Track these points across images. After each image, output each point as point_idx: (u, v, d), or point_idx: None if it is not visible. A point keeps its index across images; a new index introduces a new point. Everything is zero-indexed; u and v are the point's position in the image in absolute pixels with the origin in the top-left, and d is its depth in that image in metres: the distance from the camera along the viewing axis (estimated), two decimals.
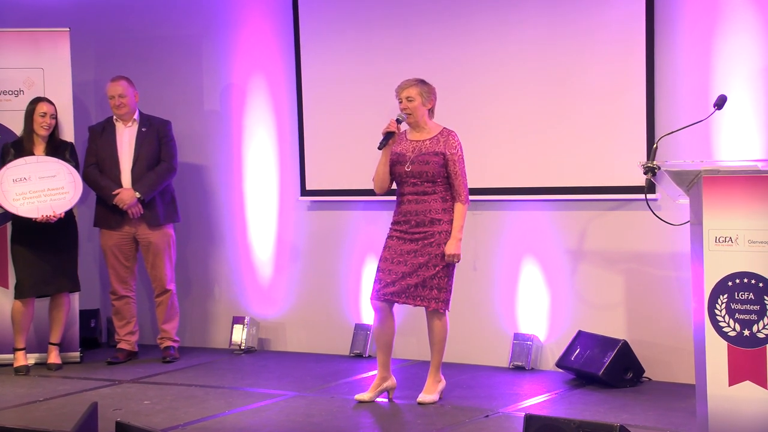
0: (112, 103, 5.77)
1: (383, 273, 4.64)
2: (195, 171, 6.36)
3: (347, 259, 5.93)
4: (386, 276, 4.62)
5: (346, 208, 5.92)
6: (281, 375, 5.41)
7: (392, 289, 4.60)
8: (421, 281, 4.58)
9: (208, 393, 5.01)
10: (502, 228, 5.48)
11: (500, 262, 5.49)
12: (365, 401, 4.67)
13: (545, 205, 5.35)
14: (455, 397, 4.76)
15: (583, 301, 5.27)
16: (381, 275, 4.64)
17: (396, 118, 4.64)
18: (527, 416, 3.60)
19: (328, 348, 5.94)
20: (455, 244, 4.58)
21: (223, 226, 6.31)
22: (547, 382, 5.07)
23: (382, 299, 4.63)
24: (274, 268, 6.17)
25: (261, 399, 4.84)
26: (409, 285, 4.59)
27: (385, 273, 4.63)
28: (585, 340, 5.09)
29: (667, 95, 4.99)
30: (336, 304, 5.95)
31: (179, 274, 6.13)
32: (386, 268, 4.64)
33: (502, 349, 5.44)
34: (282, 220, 6.14)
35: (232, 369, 5.64)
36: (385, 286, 4.61)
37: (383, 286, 4.61)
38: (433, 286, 4.58)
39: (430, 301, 4.59)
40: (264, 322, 6.17)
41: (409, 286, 4.59)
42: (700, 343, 3.78)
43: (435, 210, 4.61)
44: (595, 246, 5.25)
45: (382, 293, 4.62)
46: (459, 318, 5.37)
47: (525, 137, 5.33)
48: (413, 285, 4.59)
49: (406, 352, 5.66)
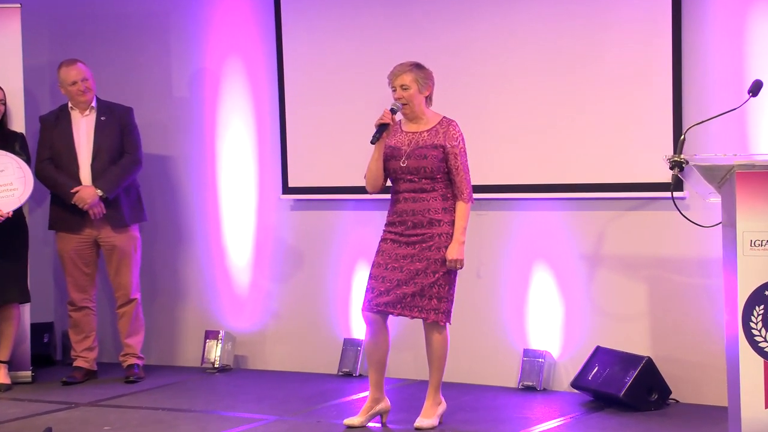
0: (75, 89, 5.76)
1: (376, 281, 4.64)
2: (161, 164, 6.35)
3: (335, 265, 5.93)
4: (379, 284, 4.63)
5: (335, 207, 5.92)
6: (260, 397, 5.41)
7: (386, 299, 4.60)
8: (419, 290, 4.59)
9: (177, 417, 5.00)
10: (510, 230, 5.48)
11: (508, 268, 5.49)
12: (355, 426, 4.67)
13: (558, 205, 5.35)
14: (457, 421, 4.76)
15: (602, 312, 5.28)
16: (373, 283, 4.65)
17: (390, 108, 4.65)
18: None
19: (314, 366, 5.94)
20: (457, 248, 4.59)
21: (194, 227, 6.30)
22: (561, 405, 5.08)
23: (375, 310, 4.64)
24: (252, 275, 6.17)
25: (238, 424, 4.84)
26: (405, 294, 4.59)
27: (378, 281, 4.64)
28: (604, 356, 5.10)
29: (695, 81, 5.00)
30: (323, 317, 5.95)
31: (144, 282, 6.12)
32: (379, 275, 4.64)
33: (510, 368, 5.45)
34: (261, 221, 6.14)
35: (205, 390, 5.64)
36: (378, 296, 4.62)
37: (376, 296, 4.62)
38: (433, 295, 4.59)
39: (428, 312, 4.60)
40: (241, 336, 6.17)
41: (405, 295, 4.60)
42: (733, 360, 3.79)
43: (434, 210, 4.62)
44: (614, 250, 5.26)
45: (375, 304, 4.63)
46: (461, 332, 5.37)
47: (535, 128, 5.34)
48: (410, 294, 4.59)
49: (401, 371, 5.66)
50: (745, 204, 3.76)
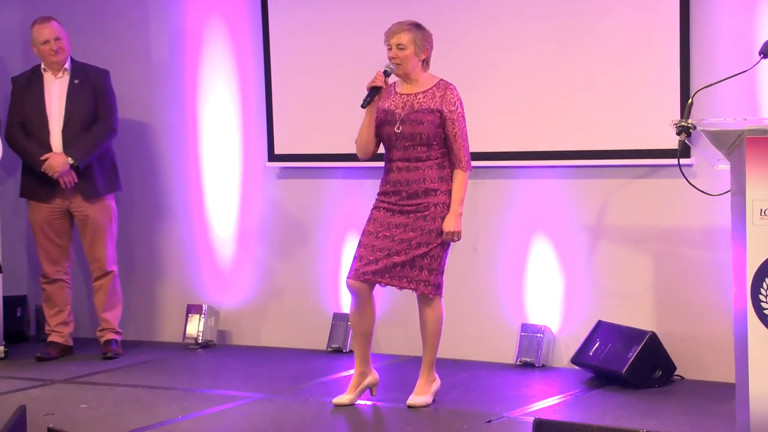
0: (47, 49, 5.72)
1: (365, 249, 4.63)
2: (139, 131, 6.31)
3: (324, 236, 5.92)
4: (368, 253, 4.61)
5: (323, 176, 5.90)
6: (245, 374, 5.42)
7: (374, 268, 4.59)
8: (410, 260, 4.58)
9: (157, 396, 5.01)
10: (508, 200, 5.48)
11: (505, 240, 5.49)
12: (345, 404, 4.69)
13: (559, 173, 5.35)
14: (452, 399, 4.78)
15: (604, 286, 5.29)
16: (362, 251, 4.63)
17: (384, 70, 4.62)
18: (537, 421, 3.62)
19: (302, 342, 5.95)
20: (455, 220, 4.58)
21: (174, 196, 6.28)
22: (561, 382, 5.10)
23: (361, 279, 4.62)
24: (236, 247, 6.16)
25: (221, 402, 4.85)
26: (394, 263, 4.58)
27: (368, 249, 4.62)
28: (605, 332, 5.12)
29: (704, 41, 4.99)
30: (311, 290, 5.95)
31: (121, 254, 6.10)
32: (369, 243, 4.63)
33: (508, 344, 5.46)
34: (246, 190, 6.12)
35: (187, 367, 5.64)
36: (366, 265, 4.60)
37: (363, 264, 4.61)
38: (423, 266, 4.59)
39: (418, 283, 4.60)
40: (224, 311, 6.17)
41: (395, 264, 4.59)
42: (741, 335, 3.80)
43: (430, 179, 4.61)
44: (617, 221, 5.26)
45: (362, 272, 4.61)
46: (457, 306, 5.38)
47: (536, 93, 5.33)
48: (399, 264, 4.58)
49: (393, 347, 5.67)
50: (756, 171, 3.75)
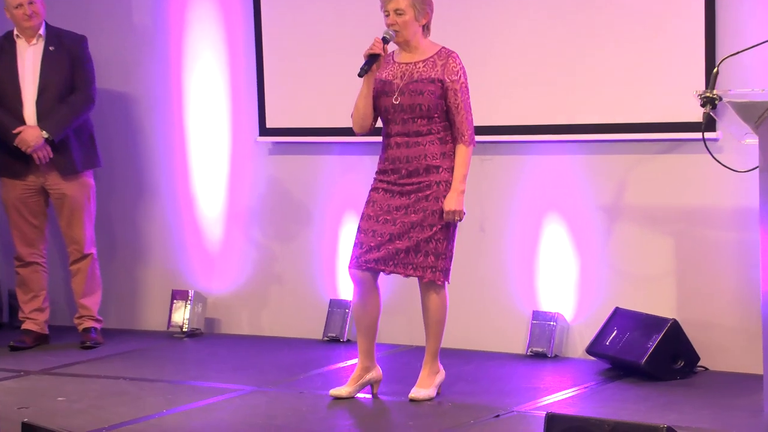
0: (20, 13, 5.73)
1: (365, 235, 4.66)
2: (120, 103, 6.33)
3: (320, 217, 5.94)
4: (369, 239, 4.64)
5: (318, 152, 5.91)
6: (235, 365, 5.44)
7: (376, 255, 4.62)
8: (414, 245, 4.61)
9: (141, 388, 5.03)
10: (518, 177, 5.49)
11: (515, 221, 5.51)
12: (343, 398, 4.71)
13: (574, 148, 5.36)
14: (457, 392, 4.81)
15: (622, 270, 5.31)
16: (363, 238, 4.66)
17: (382, 37, 4.63)
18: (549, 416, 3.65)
19: (296, 331, 5.98)
20: (456, 198, 4.60)
21: (159, 174, 6.30)
22: (575, 373, 5.12)
23: (364, 268, 4.66)
24: (225, 228, 6.18)
25: (210, 395, 4.87)
26: (398, 250, 4.61)
27: (368, 235, 4.65)
28: (623, 319, 5.14)
29: (731, 6, 4.98)
30: (306, 275, 5.98)
31: (101, 236, 6.13)
32: (369, 228, 4.66)
33: (518, 332, 5.49)
34: (235, 167, 6.13)
35: (173, 357, 5.67)
36: (368, 252, 4.63)
37: (365, 252, 4.64)
38: (429, 251, 4.61)
39: (424, 270, 4.62)
40: (213, 297, 6.19)
41: (399, 251, 4.61)
42: None
43: (431, 155, 4.62)
44: (636, 200, 5.28)
45: (364, 260, 4.64)
46: (462, 292, 5.40)
47: (548, 60, 5.33)
48: (403, 250, 4.61)
49: (394, 336, 5.70)
50: None
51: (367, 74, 4.62)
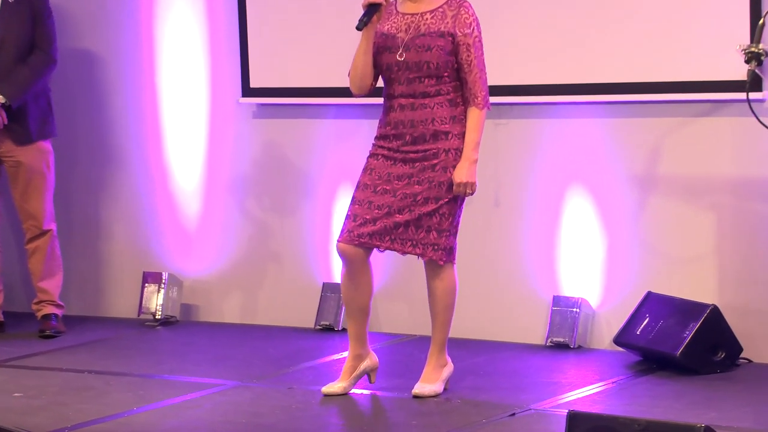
0: None
1: (360, 206, 4.65)
2: (83, 62, 6.32)
3: (312, 190, 5.94)
4: (365, 211, 4.63)
5: (310, 115, 5.91)
6: (215, 357, 5.46)
7: (371, 229, 4.61)
8: (415, 219, 4.60)
9: (108, 383, 5.05)
10: (538, 144, 5.49)
11: (534, 194, 5.52)
12: (337, 394, 4.72)
13: (601, 110, 5.36)
14: (467, 387, 4.82)
15: (655, 249, 5.32)
16: (357, 209, 4.65)
17: None
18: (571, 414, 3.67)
19: (285, 318, 5.99)
20: (468, 168, 4.60)
21: (128, 141, 6.30)
22: (601, 367, 5.14)
23: (356, 243, 4.64)
24: (203, 203, 6.19)
25: (187, 391, 4.88)
26: (396, 224, 4.61)
27: (363, 206, 4.64)
28: (656, 305, 5.15)
29: None
30: (296, 256, 5.99)
31: (62, 211, 6.14)
32: (365, 199, 4.65)
33: (536, 320, 5.51)
34: (215, 132, 6.14)
35: (144, 348, 5.69)
36: (362, 225, 4.62)
37: (358, 225, 4.62)
38: (432, 226, 4.61)
39: (425, 247, 4.62)
40: (190, 280, 6.21)
41: (397, 225, 4.60)
42: None
43: (440, 118, 4.62)
44: (672, 170, 5.29)
45: (356, 234, 4.62)
46: (474, 275, 5.41)
47: (571, 12, 5.32)
48: (402, 224, 4.60)
49: (395, 325, 5.71)
50: None
51: (366, 27, 4.62)
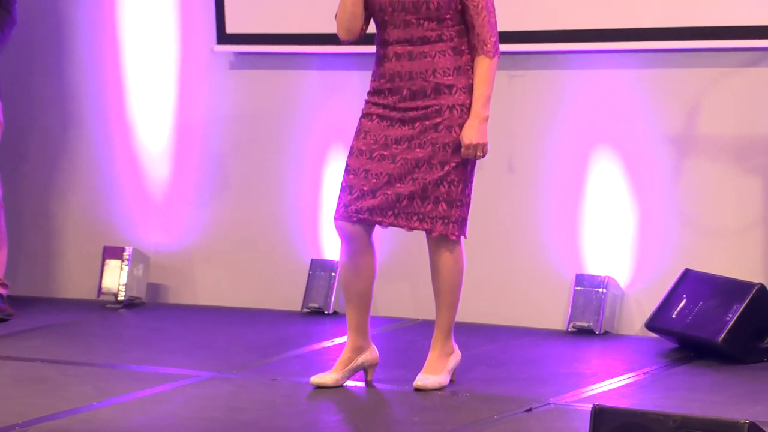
0: None
1: (356, 176, 4.65)
2: (33, 9, 6.28)
3: (297, 153, 5.95)
4: (361, 181, 4.64)
5: (293, 65, 5.91)
6: (188, 344, 5.47)
7: (371, 203, 4.62)
8: (420, 189, 4.60)
9: (65, 373, 5.05)
10: (558, 100, 5.49)
11: (554, 157, 5.52)
12: (328, 386, 4.73)
13: (631, 60, 5.36)
14: (477, 378, 4.83)
15: (693, 220, 5.33)
16: (352, 180, 4.65)
17: None
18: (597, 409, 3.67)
19: (268, 300, 6.01)
20: (478, 128, 4.59)
21: (85, 97, 6.30)
22: (631, 355, 5.16)
23: (355, 219, 4.65)
24: (173, 167, 6.19)
25: (155, 383, 4.88)
26: (399, 195, 4.61)
27: (360, 176, 4.65)
28: (694, 284, 5.15)
29: None
30: (279, 229, 6.00)
31: (6, 177, 6.11)
32: (361, 167, 4.65)
33: (556, 302, 5.52)
34: (185, 86, 6.14)
35: (105, 334, 5.70)
36: (360, 198, 4.63)
37: (356, 198, 4.64)
38: (440, 197, 4.61)
39: (434, 221, 4.62)
40: (157, 256, 6.21)
41: (400, 196, 4.61)
42: None
43: (442, 69, 4.61)
44: (713, 128, 5.29)
45: (355, 209, 4.64)
46: (484, 251, 5.42)
47: None
48: (406, 195, 4.61)
49: (395, 308, 5.74)
50: None
51: None
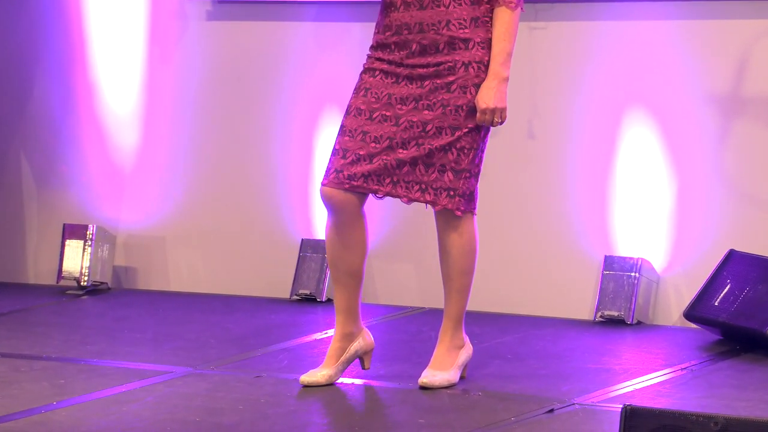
0: None
1: (351, 138, 4.65)
2: None
3: (286, 117, 5.97)
4: (357, 144, 4.63)
5: (283, 16, 5.94)
6: (159, 336, 5.50)
7: (366, 168, 4.61)
8: (425, 155, 4.61)
9: (18, 368, 5.08)
10: (586, 56, 5.52)
11: (580, 122, 5.54)
12: (320, 385, 4.74)
13: (668, 9, 5.38)
14: (491, 375, 4.86)
15: (739, 194, 5.36)
16: (347, 142, 4.65)
17: None
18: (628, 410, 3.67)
19: (252, 286, 6.04)
20: (497, 89, 4.60)
21: (43, 52, 6.33)
22: (667, 348, 5.19)
23: (347, 186, 4.64)
24: (142, 133, 6.22)
25: (123, 380, 4.91)
26: (400, 161, 4.61)
27: (356, 138, 4.64)
28: (740, 268, 5.18)
29: None
30: (265, 205, 6.03)
31: None
32: (358, 128, 4.65)
33: (583, 288, 5.55)
34: (156, 38, 6.16)
35: (65, 324, 5.73)
36: (353, 163, 4.62)
37: (349, 163, 4.63)
38: (447, 165, 4.62)
39: (437, 192, 4.62)
40: (125, 235, 6.25)
41: (401, 163, 4.61)
42: None
43: (457, 21, 4.62)
44: (763, 87, 5.30)
45: (347, 175, 4.62)
46: (501, 230, 5.45)
47: None
48: (408, 162, 4.61)
49: (398, 295, 5.77)
50: None
51: None
